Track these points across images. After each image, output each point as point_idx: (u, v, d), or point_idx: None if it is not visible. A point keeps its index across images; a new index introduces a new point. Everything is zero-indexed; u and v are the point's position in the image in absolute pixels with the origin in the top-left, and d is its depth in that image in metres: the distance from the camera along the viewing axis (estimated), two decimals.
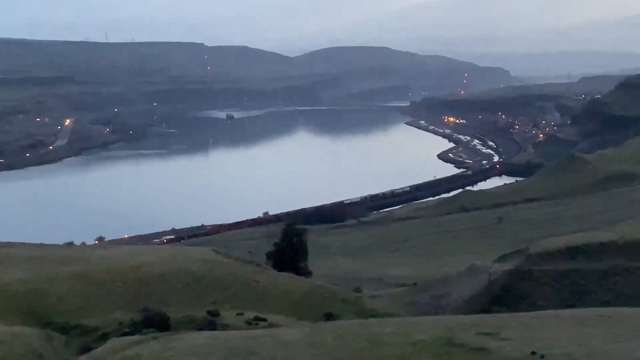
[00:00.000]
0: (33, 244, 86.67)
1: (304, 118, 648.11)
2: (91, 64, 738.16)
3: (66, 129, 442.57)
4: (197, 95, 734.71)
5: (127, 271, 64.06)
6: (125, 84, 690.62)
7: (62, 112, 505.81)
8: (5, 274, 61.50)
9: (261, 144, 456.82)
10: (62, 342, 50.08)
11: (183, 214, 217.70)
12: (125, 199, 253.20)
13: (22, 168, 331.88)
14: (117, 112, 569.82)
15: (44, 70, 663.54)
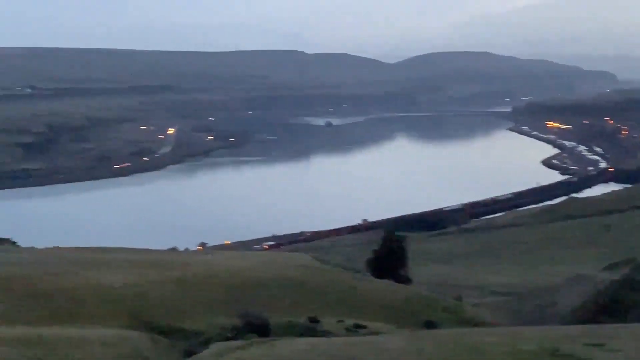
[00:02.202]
0: (138, 249, 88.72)
1: (403, 124, 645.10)
2: (194, 72, 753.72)
3: (170, 137, 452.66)
4: (296, 102, 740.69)
5: (228, 276, 64.78)
6: (225, 92, 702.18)
7: (166, 120, 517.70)
8: (112, 277, 63.01)
9: (360, 150, 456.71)
10: (166, 345, 50.92)
11: (283, 220, 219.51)
12: (226, 205, 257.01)
13: (129, 175, 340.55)
14: (218, 119, 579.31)
15: (148, 79, 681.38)
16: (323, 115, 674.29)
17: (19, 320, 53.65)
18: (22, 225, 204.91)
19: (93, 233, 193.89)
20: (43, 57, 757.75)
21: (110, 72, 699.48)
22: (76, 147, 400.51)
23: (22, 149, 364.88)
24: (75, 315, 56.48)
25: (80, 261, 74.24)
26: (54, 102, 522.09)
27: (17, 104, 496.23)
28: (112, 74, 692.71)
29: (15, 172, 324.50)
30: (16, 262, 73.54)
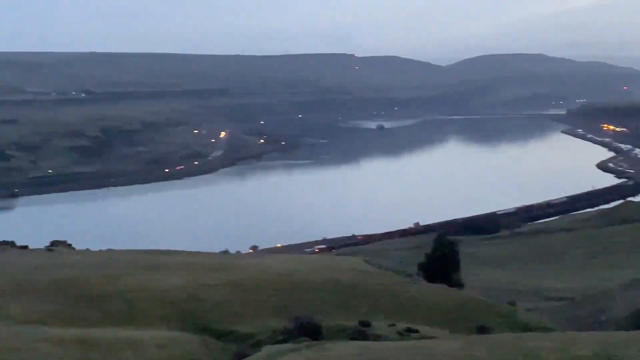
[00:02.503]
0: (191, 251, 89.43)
1: (456, 127, 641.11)
2: (245, 76, 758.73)
3: (222, 140, 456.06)
4: (348, 105, 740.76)
5: (280, 280, 64.94)
6: (276, 96, 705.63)
7: (218, 123, 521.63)
8: (165, 280, 63.59)
9: (412, 153, 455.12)
10: (218, 348, 51.19)
11: (334, 223, 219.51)
12: (278, 208, 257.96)
13: (181, 178, 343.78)
14: (269, 123, 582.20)
15: (200, 83, 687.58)
16: (374, 119, 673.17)
17: (74, 321, 54.40)
18: (77, 228, 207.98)
19: (146, 236, 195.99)
20: (98, 62, 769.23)
21: (164, 76, 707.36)
22: (129, 150, 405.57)
23: (77, 152, 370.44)
24: (129, 317, 57.12)
25: (134, 264, 75.07)
26: (108, 106, 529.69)
27: (73, 109, 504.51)
28: (165, 78, 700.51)
29: (70, 175, 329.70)
30: (71, 264, 74.64)
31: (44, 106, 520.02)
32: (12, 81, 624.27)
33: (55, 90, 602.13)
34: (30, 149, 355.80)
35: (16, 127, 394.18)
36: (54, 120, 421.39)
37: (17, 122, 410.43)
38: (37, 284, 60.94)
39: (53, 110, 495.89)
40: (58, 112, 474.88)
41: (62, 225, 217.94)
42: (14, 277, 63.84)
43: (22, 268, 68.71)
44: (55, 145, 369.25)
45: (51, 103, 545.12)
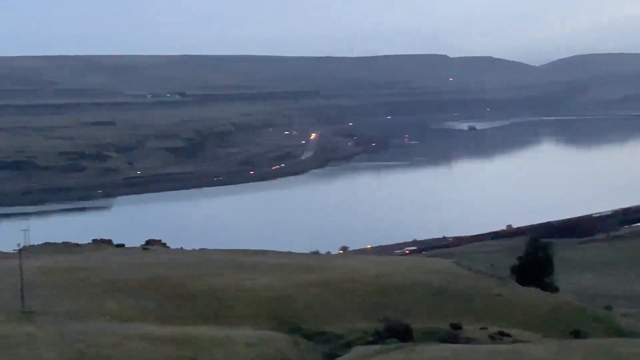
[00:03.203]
0: (282, 252, 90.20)
1: (550, 128, 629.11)
2: (336, 78, 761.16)
3: (312, 142, 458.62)
4: (438, 106, 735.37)
5: (369, 281, 64.89)
6: (367, 97, 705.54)
7: (308, 125, 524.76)
8: (256, 280, 64.30)
9: (504, 155, 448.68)
10: (308, 347, 51.43)
11: (424, 225, 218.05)
12: (368, 209, 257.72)
13: (272, 179, 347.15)
14: (359, 124, 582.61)
15: (291, 84, 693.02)
16: (466, 120, 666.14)
17: (168, 319, 55.52)
18: (171, 227, 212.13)
19: (238, 235, 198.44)
20: (191, 64, 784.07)
21: (256, 79, 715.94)
22: (222, 152, 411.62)
23: (171, 153, 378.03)
24: (221, 315, 58.01)
25: (226, 263, 76.17)
26: (201, 108, 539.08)
27: (167, 111, 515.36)
28: (257, 80, 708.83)
29: (164, 176, 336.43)
30: (165, 263, 76.24)
31: (139, 108, 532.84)
32: (110, 84, 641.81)
33: (150, 92, 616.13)
34: (126, 150, 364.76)
35: (113, 128, 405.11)
36: (149, 122, 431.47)
37: (114, 123, 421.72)
38: (132, 282, 62.44)
39: (148, 112, 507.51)
40: (153, 114, 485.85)
41: (157, 224, 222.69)
42: (110, 275, 65.58)
43: (118, 266, 70.51)
44: (150, 147, 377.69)
45: (147, 105, 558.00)
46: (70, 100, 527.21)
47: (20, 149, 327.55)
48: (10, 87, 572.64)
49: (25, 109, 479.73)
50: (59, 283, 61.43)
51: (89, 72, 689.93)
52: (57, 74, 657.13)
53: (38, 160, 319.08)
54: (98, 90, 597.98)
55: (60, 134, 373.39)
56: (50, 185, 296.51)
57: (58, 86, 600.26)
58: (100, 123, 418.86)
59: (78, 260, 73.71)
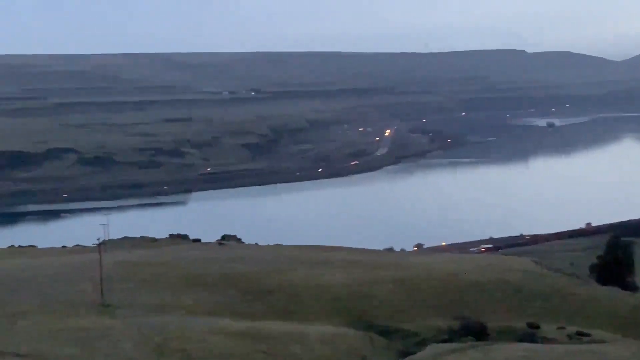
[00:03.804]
0: (355, 248, 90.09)
1: (631, 125, 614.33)
2: (411, 74, 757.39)
3: (387, 138, 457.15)
4: (515, 102, 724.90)
5: (445, 278, 64.34)
6: (442, 93, 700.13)
7: (383, 121, 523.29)
8: (329, 276, 64.36)
9: (584, 152, 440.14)
10: (382, 344, 51.26)
11: (501, 223, 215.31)
12: (443, 206, 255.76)
13: (346, 175, 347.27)
14: (434, 120, 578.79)
15: (366, 81, 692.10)
16: (544, 116, 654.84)
17: (244, 314, 55.96)
18: (246, 223, 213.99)
19: (312, 232, 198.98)
20: (267, 61, 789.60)
21: (330, 75, 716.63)
22: (296, 148, 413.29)
23: (246, 150, 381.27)
24: (295, 311, 58.22)
25: (300, 259, 76.44)
26: (276, 104, 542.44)
27: (243, 107, 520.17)
28: (332, 76, 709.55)
29: (239, 172, 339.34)
30: (241, 258, 76.88)
31: (216, 105, 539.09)
32: (187, 81, 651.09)
33: (226, 89, 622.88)
34: (203, 146, 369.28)
35: (190, 125, 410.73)
36: (225, 119, 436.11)
37: (191, 120, 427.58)
38: (208, 277, 63.15)
39: (224, 108, 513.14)
40: (229, 111, 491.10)
41: (232, 220, 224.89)
42: (187, 270, 66.45)
43: (194, 261, 71.41)
44: (225, 143, 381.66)
45: (223, 102, 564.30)
46: (149, 97, 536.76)
47: (100, 145, 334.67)
48: (91, 84, 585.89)
49: (106, 106, 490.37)
50: (137, 277, 62.50)
51: (168, 70, 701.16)
52: (136, 71, 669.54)
53: (117, 156, 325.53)
54: (176, 88, 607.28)
55: (139, 131, 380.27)
56: (129, 181, 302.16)
57: (137, 84, 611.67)
58: (177, 120, 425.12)
59: (155, 255, 74.90)
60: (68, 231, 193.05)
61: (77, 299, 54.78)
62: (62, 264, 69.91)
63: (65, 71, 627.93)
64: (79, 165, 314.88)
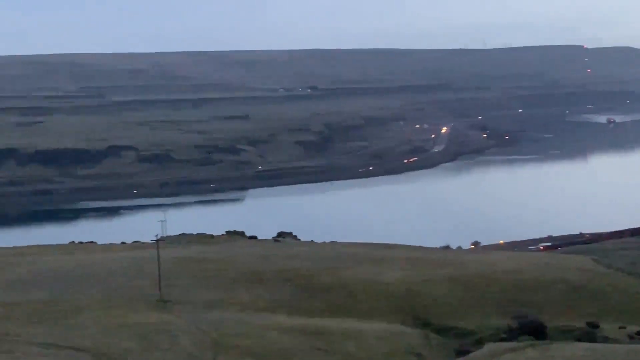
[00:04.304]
0: (411, 246, 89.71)
1: None
2: (468, 70, 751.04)
3: (443, 135, 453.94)
4: (574, 99, 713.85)
5: (502, 277, 63.68)
6: (500, 90, 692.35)
7: (439, 118, 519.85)
8: (386, 274, 64.17)
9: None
10: (438, 343, 50.99)
11: (560, 221, 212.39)
12: (500, 204, 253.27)
13: (402, 173, 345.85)
14: (491, 117, 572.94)
15: (422, 78, 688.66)
16: (604, 112, 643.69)
17: (300, 311, 56.11)
18: (302, 220, 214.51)
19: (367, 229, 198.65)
20: (323, 58, 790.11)
21: (386, 72, 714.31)
22: (351, 145, 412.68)
23: (302, 147, 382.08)
24: (351, 308, 58.20)
25: (356, 256, 76.35)
26: (332, 101, 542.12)
27: (298, 104, 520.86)
28: (387, 73, 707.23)
29: (295, 169, 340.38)
30: (297, 255, 77.09)
31: (272, 102, 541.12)
32: (243, 78, 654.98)
33: (282, 86, 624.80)
34: (259, 143, 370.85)
35: (246, 122, 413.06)
36: (281, 116, 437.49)
37: (248, 117, 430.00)
38: (264, 274, 63.48)
39: (280, 106, 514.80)
40: (285, 108, 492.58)
41: (288, 217, 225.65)
42: (243, 266, 66.87)
43: (250, 258, 71.84)
44: (281, 140, 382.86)
45: (279, 99, 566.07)
46: (206, 95, 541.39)
47: (158, 142, 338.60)
48: (150, 82, 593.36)
49: (164, 104, 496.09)
50: (194, 273, 63.11)
51: (225, 68, 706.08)
52: (194, 69, 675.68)
53: (175, 153, 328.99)
54: (233, 85, 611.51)
55: (196, 128, 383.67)
56: (186, 178, 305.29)
57: (195, 81, 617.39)
58: (234, 117, 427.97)
59: (212, 251, 75.53)
60: (127, 227, 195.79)
61: (135, 295, 55.54)
62: (121, 259, 70.96)
63: (124, 69, 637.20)
64: (137, 162, 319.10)
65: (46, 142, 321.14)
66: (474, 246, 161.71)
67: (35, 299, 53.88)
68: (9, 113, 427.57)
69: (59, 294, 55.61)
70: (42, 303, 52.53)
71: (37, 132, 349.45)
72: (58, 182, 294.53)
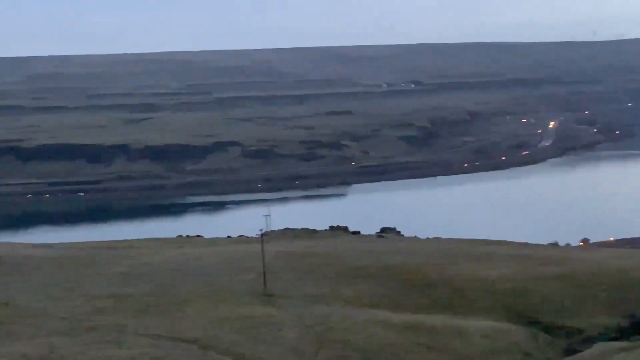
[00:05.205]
0: (518, 242, 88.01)
1: None
2: (577, 63, 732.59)
3: (551, 130, 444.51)
4: None
5: (614, 275, 61.77)
6: (610, 83, 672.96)
7: (547, 112, 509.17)
8: (492, 270, 63.15)
9: None
10: (546, 341, 49.90)
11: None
12: (612, 200, 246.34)
13: (507, 168, 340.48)
14: (601, 111, 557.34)
15: (527, 71, 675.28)
16: None
17: (403, 307, 55.76)
18: (406, 216, 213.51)
19: (472, 225, 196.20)
20: (427, 53, 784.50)
21: (490, 66, 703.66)
22: (456, 140, 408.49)
23: (406, 142, 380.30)
24: (455, 305, 57.46)
25: (460, 252, 75.42)
26: (436, 96, 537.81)
27: (402, 100, 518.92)
28: (492, 67, 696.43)
29: (398, 164, 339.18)
30: (400, 251, 76.72)
31: (375, 97, 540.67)
32: (346, 74, 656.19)
33: (385, 81, 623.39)
34: (362, 138, 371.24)
35: (350, 118, 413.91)
36: (384, 111, 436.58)
37: (351, 113, 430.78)
38: (368, 269, 63.37)
39: (383, 101, 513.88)
40: (388, 103, 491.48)
41: (391, 212, 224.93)
42: (347, 262, 66.94)
43: (354, 253, 71.87)
44: (384, 135, 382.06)
45: (382, 94, 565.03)
46: (309, 90, 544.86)
47: (262, 138, 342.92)
48: (254, 79, 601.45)
49: (268, 100, 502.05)
50: (298, 267, 63.52)
51: (328, 63, 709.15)
52: (297, 65, 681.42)
53: (279, 148, 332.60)
54: (335, 81, 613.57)
55: (299, 124, 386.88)
56: (290, 173, 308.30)
57: (298, 77, 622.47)
58: (337, 113, 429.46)
59: (316, 246, 75.88)
60: (232, 222, 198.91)
61: (240, 288, 56.27)
62: (227, 253, 72.05)
63: (229, 66, 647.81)
64: (242, 158, 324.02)
65: (154, 139, 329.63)
66: (583, 243, 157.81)
67: (143, 291, 55.24)
68: (119, 110, 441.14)
69: (166, 286, 56.87)
70: (150, 295, 53.80)
71: (145, 129, 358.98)
72: (166, 177, 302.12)
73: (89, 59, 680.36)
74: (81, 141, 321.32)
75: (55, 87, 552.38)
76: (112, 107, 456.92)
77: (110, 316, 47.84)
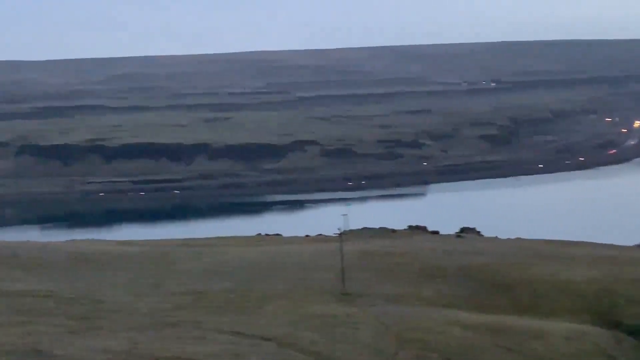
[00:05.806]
0: (602, 244, 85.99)
1: None
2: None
3: (637, 129, 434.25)
4: None
5: None
6: None
7: (633, 111, 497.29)
8: (574, 272, 61.87)
9: None
10: (631, 345, 48.67)
11: None
12: None
13: (591, 168, 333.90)
14: None
15: (611, 69, 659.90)
16: None
17: (483, 307, 55.05)
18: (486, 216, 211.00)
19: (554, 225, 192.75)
20: (508, 51, 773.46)
21: (573, 63, 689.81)
22: (538, 139, 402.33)
23: (486, 141, 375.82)
24: (535, 306, 56.48)
25: (542, 253, 74.07)
26: (517, 95, 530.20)
27: (482, 98, 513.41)
28: (575, 65, 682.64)
29: (478, 164, 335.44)
30: (480, 251, 75.72)
31: (454, 96, 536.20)
32: (424, 73, 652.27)
33: (465, 80, 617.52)
34: (441, 138, 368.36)
35: (428, 116, 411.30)
36: (464, 110, 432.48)
37: (430, 111, 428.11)
38: (447, 269, 62.75)
39: (463, 100, 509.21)
40: (468, 102, 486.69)
41: (471, 212, 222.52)
42: (425, 261, 66.43)
43: (433, 253, 71.24)
44: (464, 134, 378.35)
45: (461, 93, 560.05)
46: (388, 89, 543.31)
47: (341, 137, 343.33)
48: (333, 78, 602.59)
49: (346, 99, 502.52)
50: (376, 267, 63.28)
51: (406, 62, 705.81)
52: (375, 64, 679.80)
53: (357, 147, 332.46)
54: (414, 79, 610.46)
55: (378, 123, 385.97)
56: (368, 172, 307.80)
57: (376, 76, 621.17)
58: (416, 111, 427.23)
59: (394, 245, 75.46)
60: (311, 220, 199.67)
61: (318, 286, 56.33)
62: (305, 252, 72.23)
63: (308, 66, 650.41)
64: (320, 156, 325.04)
65: (234, 138, 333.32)
66: None
67: (222, 288, 55.79)
68: (200, 110, 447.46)
69: (245, 284, 57.33)
70: (229, 292, 54.30)
71: (225, 128, 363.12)
72: (245, 176, 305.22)
73: (171, 60, 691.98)
74: (163, 140, 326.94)
75: (138, 87, 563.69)
76: (193, 107, 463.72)
77: (190, 313, 48.44)
